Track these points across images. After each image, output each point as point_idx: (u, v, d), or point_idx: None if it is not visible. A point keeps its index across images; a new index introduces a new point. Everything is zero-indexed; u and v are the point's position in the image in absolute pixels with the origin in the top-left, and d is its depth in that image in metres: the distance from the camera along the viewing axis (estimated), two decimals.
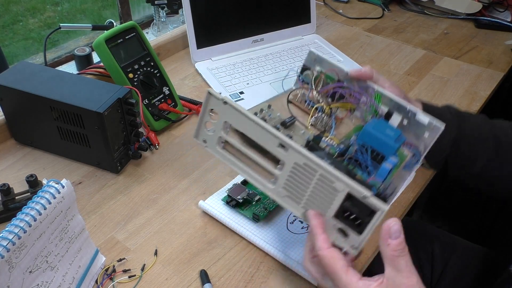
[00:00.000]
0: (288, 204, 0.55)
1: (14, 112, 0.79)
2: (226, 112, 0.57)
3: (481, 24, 1.23)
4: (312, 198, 0.52)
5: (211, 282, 0.60)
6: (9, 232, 0.46)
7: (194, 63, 1.03)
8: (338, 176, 0.49)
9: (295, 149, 0.52)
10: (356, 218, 0.50)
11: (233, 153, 0.59)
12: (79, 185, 0.74)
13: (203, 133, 0.61)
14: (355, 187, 0.49)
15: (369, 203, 0.49)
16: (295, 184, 0.53)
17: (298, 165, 0.52)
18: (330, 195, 0.51)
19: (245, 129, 0.56)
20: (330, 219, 0.52)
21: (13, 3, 3.39)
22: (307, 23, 1.14)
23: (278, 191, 0.55)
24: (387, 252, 0.47)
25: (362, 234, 0.50)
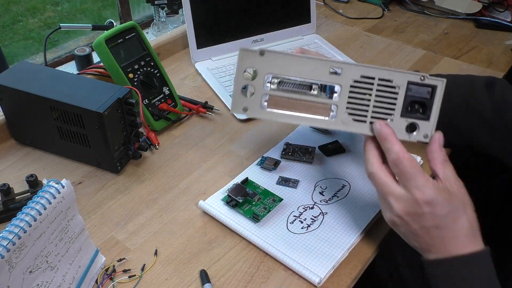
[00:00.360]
0: (355, 127, 0.56)
1: (14, 112, 0.79)
2: (265, 63, 0.55)
3: (481, 24, 1.23)
4: (376, 109, 0.55)
5: (211, 282, 0.60)
6: (9, 232, 0.46)
7: (194, 63, 1.03)
8: (394, 71, 0.54)
9: (350, 65, 0.54)
10: (421, 104, 0.55)
11: (280, 107, 0.57)
12: (79, 185, 0.74)
13: (241, 100, 0.56)
14: (411, 73, 0.54)
15: (428, 82, 0.54)
16: (357, 103, 0.55)
17: (356, 81, 0.55)
18: (392, 95, 0.55)
19: (290, 71, 0.55)
20: (398, 120, 0.56)
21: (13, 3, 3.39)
22: (307, 23, 1.14)
23: (342, 119, 0.56)
24: (441, 157, 0.54)
25: (430, 119, 0.56)
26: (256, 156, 0.79)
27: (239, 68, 0.55)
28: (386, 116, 0.56)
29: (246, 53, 0.55)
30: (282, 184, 0.73)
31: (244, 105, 0.57)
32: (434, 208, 0.52)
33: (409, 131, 0.57)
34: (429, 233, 0.53)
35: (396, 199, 0.54)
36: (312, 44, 1.11)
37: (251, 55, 0.55)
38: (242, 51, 0.55)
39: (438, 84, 0.55)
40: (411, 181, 0.53)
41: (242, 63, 0.55)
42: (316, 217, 0.68)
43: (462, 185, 0.54)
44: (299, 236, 0.65)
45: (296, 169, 0.76)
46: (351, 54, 1.09)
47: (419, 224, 0.54)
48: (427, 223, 0.53)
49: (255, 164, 0.77)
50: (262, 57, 0.55)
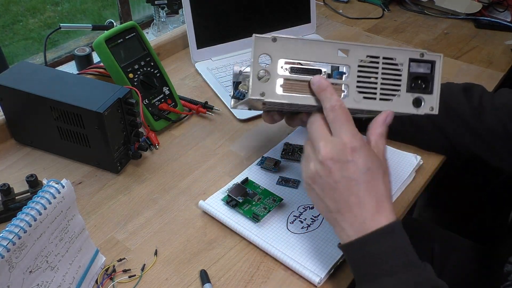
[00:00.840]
0: (367, 105, 0.59)
1: (14, 112, 0.79)
2: (278, 49, 0.58)
3: (481, 24, 1.23)
4: (384, 85, 0.59)
5: (211, 282, 0.60)
6: (9, 232, 0.46)
7: (194, 63, 1.03)
8: (396, 49, 0.58)
9: (356, 45, 0.58)
10: (423, 79, 0.59)
11: (295, 90, 0.59)
12: (79, 185, 0.74)
13: (259, 85, 0.59)
14: (411, 50, 0.58)
15: (427, 57, 0.59)
16: (366, 81, 0.59)
17: (362, 61, 0.58)
18: (397, 72, 0.59)
19: (301, 55, 0.59)
20: (404, 95, 0.59)
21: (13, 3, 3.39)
22: (307, 23, 1.14)
23: (354, 98, 0.59)
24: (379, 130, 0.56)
25: (433, 92, 0.60)
26: (256, 156, 0.79)
27: (255, 55, 0.58)
28: (393, 92, 0.60)
29: (260, 40, 0.58)
30: (282, 184, 0.73)
31: (261, 90, 0.59)
32: (358, 157, 0.52)
33: (416, 105, 0.60)
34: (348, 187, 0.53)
35: (325, 143, 0.54)
36: None
37: (265, 42, 0.58)
38: (257, 38, 0.58)
39: (436, 59, 0.59)
40: (344, 127, 0.54)
41: (256, 49, 0.58)
42: (316, 217, 0.68)
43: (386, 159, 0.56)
44: (299, 236, 0.65)
45: (296, 169, 0.76)
46: None
47: (340, 173, 0.53)
48: (348, 173, 0.52)
49: (255, 164, 0.77)
50: (275, 43, 0.58)
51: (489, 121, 0.73)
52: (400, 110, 0.60)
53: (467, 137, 0.75)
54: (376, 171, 0.53)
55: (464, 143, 0.76)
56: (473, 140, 0.75)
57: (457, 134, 0.76)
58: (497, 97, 0.75)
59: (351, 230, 0.53)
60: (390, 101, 0.60)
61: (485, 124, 0.73)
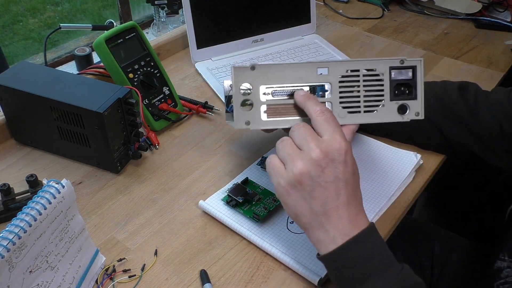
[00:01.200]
0: (352, 119, 0.60)
1: (14, 112, 0.79)
2: (258, 76, 0.58)
3: (481, 24, 1.23)
4: (367, 98, 0.59)
5: (211, 282, 0.60)
6: (9, 232, 0.46)
7: (194, 63, 1.03)
8: (376, 60, 0.58)
9: (335, 62, 0.58)
10: (406, 86, 0.60)
11: (279, 114, 0.59)
12: (79, 185, 0.74)
13: (243, 115, 0.59)
14: (391, 59, 0.59)
15: (408, 63, 0.59)
16: (348, 96, 0.59)
17: (344, 76, 0.59)
18: (379, 83, 0.59)
19: (281, 79, 0.59)
20: (389, 104, 0.60)
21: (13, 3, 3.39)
22: (307, 23, 1.14)
23: (338, 114, 0.59)
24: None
25: (417, 97, 0.60)
26: (256, 156, 0.79)
27: (235, 85, 0.59)
28: (377, 102, 0.60)
29: (239, 70, 0.58)
30: None
31: (246, 119, 0.60)
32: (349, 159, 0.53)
33: (401, 112, 0.61)
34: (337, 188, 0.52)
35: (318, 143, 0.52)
36: (312, 44, 1.11)
37: (244, 71, 0.58)
38: (235, 69, 0.58)
39: (417, 63, 0.60)
40: (336, 129, 0.53)
41: (236, 79, 0.59)
42: None
43: None
44: (299, 236, 0.65)
45: None
46: (351, 54, 1.09)
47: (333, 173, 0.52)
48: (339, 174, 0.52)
49: (255, 164, 0.77)
50: (254, 71, 0.58)
51: (485, 120, 0.73)
52: (386, 119, 0.61)
53: (464, 136, 0.75)
54: (358, 175, 0.55)
55: (461, 142, 0.76)
56: (470, 139, 0.75)
57: (454, 133, 0.76)
58: (492, 95, 0.75)
59: (335, 231, 0.52)
60: (375, 112, 0.60)
61: (481, 123, 0.74)
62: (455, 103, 0.75)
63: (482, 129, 0.74)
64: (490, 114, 0.73)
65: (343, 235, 0.51)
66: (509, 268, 0.68)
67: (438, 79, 0.83)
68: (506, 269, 0.68)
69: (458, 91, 0.76)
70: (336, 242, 0.51)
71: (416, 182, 0.75)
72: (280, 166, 0.55)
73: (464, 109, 0.74)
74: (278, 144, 0.56)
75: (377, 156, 0.78)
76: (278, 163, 0.55)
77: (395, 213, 0.70)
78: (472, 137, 0.75)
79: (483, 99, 0.75)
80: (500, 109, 0.73)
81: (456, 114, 0.75)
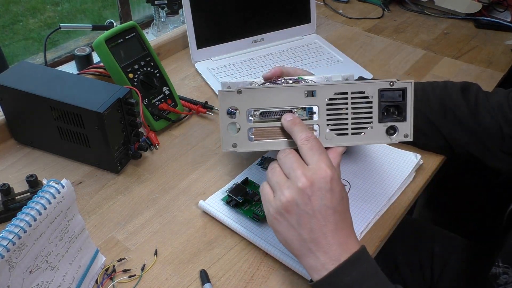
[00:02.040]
0: (340, 141, 0.59)
1: (14, 112, 0.79)
2: (244, 100, 0.58)
3: (481, 24, 1.23)
4: (355, 120, 0.59)
5: (211, 282, 0.60)
6: (9, 232, 0.46)
7: (194, 63, 1.04)
8: (365, 83, 0.58)
9: (322, 85, 0.58)
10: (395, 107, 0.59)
11: (267, 136, 0.60)
12: (79, 185, 0.74)
13: (230, 138, 0.60)
14: (380, 81, 0.58)
15: (398, 85, 0.58)
16: (336, 118, 0.59)
17: (331, 99, 0.58)
18: (367, 105, 0.59)
19: (268, 102, 0.58)
20: (377, 126, 0.59)
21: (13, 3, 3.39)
22: (307, 23, 1.14)
23: (326, 136, 0.59)
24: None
25: (406, 119, 0.59)
26: (256, 156, 0.79)
27: (222, 109, 0.59)
28: (365, 124, 0.59)
29: (225, 94, 0.58)
30: None
31: (233, 141, 0.60)
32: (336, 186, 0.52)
33: (390, 134, 0.60)
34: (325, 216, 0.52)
35: (304, 171, 0.53)
36: (312, 44, 1.11)
37: (230, 95, 0.58)
38: (221, 93, 0.58)
39: (407, 86, 0.58)
40: (322, 156, 0.54)
41: (223, 103, 0.59)
42: None
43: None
44: None
45: None
46: (351, 54, 1.09)
47: (320, 201, 0.52)
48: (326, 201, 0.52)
49: (255, 164, 0.77)
50: (241, 95, 0.58)
51: (485, 121, 0.73)
52: (374, 141, 0.60)
53: (464, 138, 0.75)
54: (347, 201, 0.55)
55: (461, 143, 0.76)
56: (470, 141, 0.75)
57: (454, 135, 0.76)
58: (492, 97, 0.75)
59: (325, 257, 0.52)
60: (363, 134, 0.60)
61: (481, 125, 0.74)
62: (457, 104, 0.75)
63: (482, 131, 0.74)
64: (490, 116, 0.73)
65: (334, 260, 0.51)
66: (505, 274, 0.68)
67: (438, 79, 0.83)
68: (503, 275, 0.68)
69: (460, 92, 0.76)
70: (327, 268, 0.51)
71: (416, 182, 0.75)
72: (269, 193, 0.55)
73: (466, 111, 0.74)
74: (268, 171, 0.56)
75: (377, 156, 0.78)
76: (268, 190, 0.56)
77: (395, 213, 0.70)
78: (472, 139, 0.75)
79: (483, 101, 0.75)
80: (500, 111, 0.73)
81: (457, 115, 0.75)
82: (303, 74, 0.69)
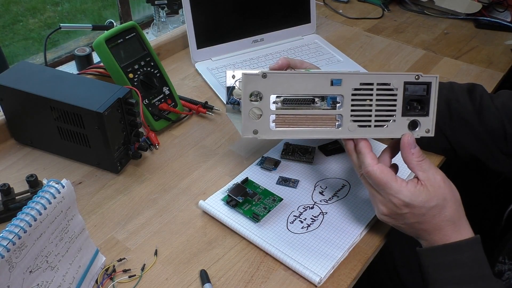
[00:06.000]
0: (362, 133, 0.59)
1: (14, 112, 0.79)
2: (269, 84, 0.57)
3: (481, 24, 1.23)
4: (378, 112, 0.58)
5: (211, 282, 0.60)
6: (9, 232, 0.46)
7: (194, 63, 1.03)
8: (391, 74, 0.57)
9: (349, 74, 0.57)
10: (419, 102, 0.59)
11: (288, 124, 0.59)
12: (79, 185, 0.74)
13: (251, 124, 0.58)
14: (406, 74, 0.57)
15: (423, 79, 0.57)
16: (360, 109, 0.58)
17: (356, 89, 0.57)
18: (392, 96, 0.58)
19: (293, 89, 0.57)
20: (400, 119, 0.59)
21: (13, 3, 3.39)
22: (307, 23, 1.14)
23: (349, 127, 0.59)
24: (413, 160, 0.58)
25: (429, 114, 0.59)
26: (256, 156, 0.79)
27: (245, 93, 0.57)
28: (388, 117, 0.59)
29: (249, 77, 0.56)
30: (282, 184, 0.73)
31: (254, 127, 0.58)
32: (412, 208, 0.57)
33: (412, 128, 0.60)
34: (413, 227, 0.59)
35: (380, 203, 0.59)
36: (312, 44, 1.11)
37: (254, 79, 0.57)
38: (245, 76, 0.56)
39: (432, 80, 0.58)
40: (386, 190, 0.57)
41: (246, 87, 0.57)
42: (316, 217, 0.68)
43: (442, 179, 0.58)
44: (299, 236, 0.65)
45: (296, 169, 0.76)
46: (351, 54, 1.09)
47: (403, 221, 0.59)
48: (409, 220, 0.58)
49: (255, 164, 0.77)
50: (265, 79, 0.57)
51: (489, 123, 0.73)
52: (395, 135, 0.60)
53: (467, 139, 0.75)
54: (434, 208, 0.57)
55: (465, 146, 0.76)
56: (473, 142, 0.75)
57: (457, 136, 0.76)
58: (497, 98, 0.75)
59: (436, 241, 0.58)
60: (386, 126, 0.59)
61: (486, 126, 0.74)
62: (463, 105, 0.75)
63: (486, 132, 0.74)
64: (494, 117, 0.73)
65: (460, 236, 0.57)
66: (510, 271, 0.68)
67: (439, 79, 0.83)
68: (507, 272, 0.68)
69: (467, 93, 0.76)
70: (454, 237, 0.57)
71: None
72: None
73: (471, 112, 0.74)
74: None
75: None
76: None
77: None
78: (476, 141, 0.75)
79: (488, 102, 0.75)
80: (504, 111, 0.73)
81: (462, 116, 0.75)
82: (309, 68, 0.68)
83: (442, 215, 0.57)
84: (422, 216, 0.57)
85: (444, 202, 0.57)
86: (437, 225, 0.58)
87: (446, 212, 0.57)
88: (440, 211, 0.57)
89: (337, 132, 0.59)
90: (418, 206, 0.57)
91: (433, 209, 0.57)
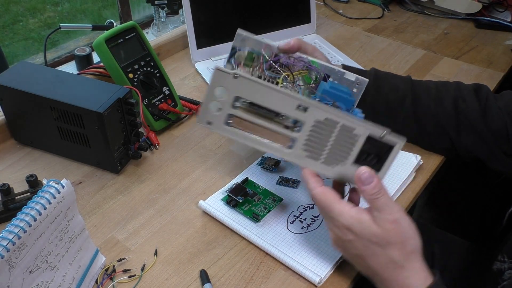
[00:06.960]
0: (308, 163, 0.58)
1: (14, 112, 0.79)
2: (236, 86, 0.56)
3: (481, 24, 1.23)
4: (333, 150, 0.57)
5: (211, 282, 0.60)
6: (9, 232, 0.46)
7: (194, 63, 1.03)
8: (359, 122, 0.55)
9: (317, 106, 0.55)
10: (375, 157, 0.56)
11: (243, 127, 0.58)
12: (79, 185, 0.74)
13: (208, 115, 0.58)
14: (375, 128, 0.55)
15: (387, 140, 0.55)
16: (316, 142, 0.56)
17: (319, 122, 0.55)
18: (350, 142, 0.56)
19: (257, 98, 0.56)
20: (350, 166, 0.57)
21: (13, 3, 3.39)
22: (307, 23, 1.14)
23: (297, 153, 0.57)
24: (366, 196, 0.54)
25: (381, 170, 0.57)
26: (256, 156, 0.79)
27: (211, 85, 0.57)
28: (338, 160, 0.57)
29: (220, 74, 0.56)
30: (282, 184, 0.73)
31: (208, 119, 0.58)
32: (355, 236, 0.53)
33: None
34: (361, 262, 0.55)
35: (329, 229, 0.57)
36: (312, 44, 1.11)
37: (225, 77, 0.56)
38: (217, 72, 0.56)
39: (396, 144, 0.56)
40: (328, 213, 0.55)
41: (214, 81, 0.57)
42: (316, 217, 0.68)
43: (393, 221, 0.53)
44: (299, 236, 0.65)
45: (296, 169, 0.76)
46: (351, 54, 1.09)
47: (351, 251, 0.55)
48: (355, 251, 0.54)
49: (255, 164, 0.77)
50: (235, 80, 0.56)
51: (493, 123, 0.73)
52: (340, 177, 0.58)
53: (471, 139, 0.75)
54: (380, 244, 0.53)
55: (467, 147, 0.76)
56: (476, 142, 0.75)
57: (461, 138, 0.75)
58: (500, 99, 0.75)
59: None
60: (331, 167, 0.57)
61: (489, 127, 0.73)
62: (470, 105, 0.75)
63: (490, 132, 0.73)
64: (498, 118, 0.73)
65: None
66: (510, 270, 0.68)
67: (438, 79, 0.83)
68: (508, 271, 0.68)
69: (473, 93, 0.76)
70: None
71: (416, 183, 0.75)
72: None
73: (477, 112, 0.74)
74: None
75: None
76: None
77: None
78: (479, 142, 0.75)
79: (493, 102, 0.75)
80: (507, 112, 0.73)
81: (468, 116, 0.74)
82: (320, 58, 0.68)
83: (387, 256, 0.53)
84: (366, 250, 0.53)
85: (387, 245, 0.53)
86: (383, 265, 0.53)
87: (390, 253, 0.53)
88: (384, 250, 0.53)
89: (285, 153, 0.58)
90: (359, 234, 0.53)
91: (375, 246, 0.53)
